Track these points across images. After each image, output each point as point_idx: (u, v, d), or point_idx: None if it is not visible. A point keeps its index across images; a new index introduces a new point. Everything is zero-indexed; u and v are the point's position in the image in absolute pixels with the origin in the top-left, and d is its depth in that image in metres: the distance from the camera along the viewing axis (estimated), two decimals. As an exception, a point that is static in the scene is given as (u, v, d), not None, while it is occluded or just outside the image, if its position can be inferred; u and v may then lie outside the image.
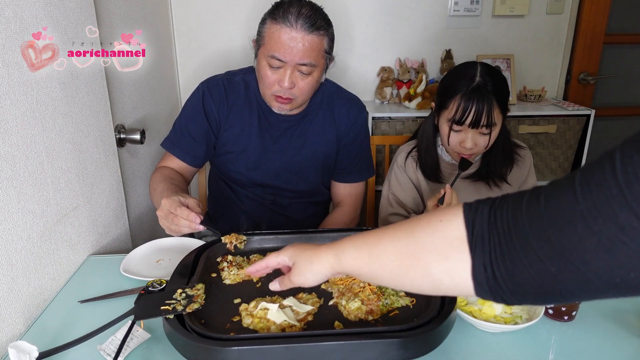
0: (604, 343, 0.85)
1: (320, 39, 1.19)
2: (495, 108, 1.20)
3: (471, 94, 1.19)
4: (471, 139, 1.23)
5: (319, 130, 1.39)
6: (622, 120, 2.54)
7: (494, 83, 1.20)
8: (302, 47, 1.17)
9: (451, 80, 1.26)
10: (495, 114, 1.20)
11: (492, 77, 1.21)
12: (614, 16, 2.33)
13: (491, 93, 1.18)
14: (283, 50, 1.17)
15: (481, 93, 1.18)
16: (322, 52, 1.22)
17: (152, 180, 1.30)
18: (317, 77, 1.25)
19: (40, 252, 0.97)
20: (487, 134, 1.22)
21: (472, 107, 1.18)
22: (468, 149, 1.24)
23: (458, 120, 1.21)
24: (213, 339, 0.72)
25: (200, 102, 1.35)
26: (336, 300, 0.89)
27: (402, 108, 2.17)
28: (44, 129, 0.99)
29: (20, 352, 0.72)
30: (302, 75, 1.22)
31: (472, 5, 2.21)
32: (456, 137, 1.25)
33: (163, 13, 2.03)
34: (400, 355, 0.73)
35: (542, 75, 2.38)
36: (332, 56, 1.28)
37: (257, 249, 1.09)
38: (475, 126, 1.20)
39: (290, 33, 1.16)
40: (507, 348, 0.83)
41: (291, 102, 1.26)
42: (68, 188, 1.07)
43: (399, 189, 1.42)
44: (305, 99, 1.29)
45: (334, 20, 1.27)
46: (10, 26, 0.88)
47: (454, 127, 1.24)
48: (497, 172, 1.33)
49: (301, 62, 1.19)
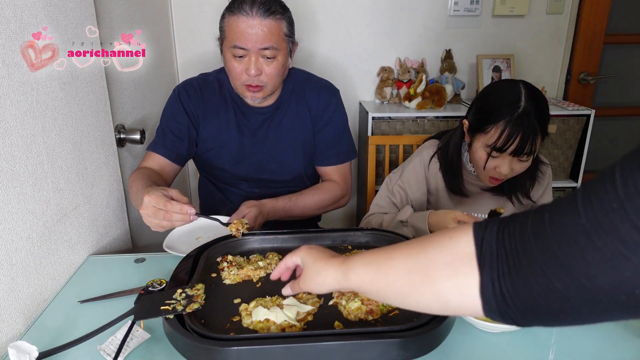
0: (604, 343, 0.85)
1: (277, 22, 1.23)
2: (538, 136, 1.13)
3: (516, 122, 1.11)
4: (509, 165, 1.17)
5: (294, 118, 1.41)
6: (622, 120, 2.54)
7: (537, 109, 1.12)
8: (260, 32, 1.21)
9: (492, 103, 1.17)
10: (538, 142, 1.14)
11: (536, 102, 1.13)
12: (614, 16, 2.33)
13: (536, 121, 1.11)
14: (243, 39, 1.21)
15: (526, 121, 1.10)
16: (281, 35, 1.25)
17: (130, 180, 1.26)
18: (282, 61, 1.28)
19: (40, 252, 0.97)
20: (526, 161, 1.17)
21: (517, 137, 1.11)
22: (504, 175, 1.19)
23: (499, 148, 1.14)
24: (213, 339, 0.72)
25: (178, 101, 1.38)
26: (336, 300, 0.89)
27: (402, 108, 2.17)
28: (44, 129, 0.99)
29: (20, 352, 0.72)
30: (267, 60, 1.25)
31: (472, 5, 2.21)
32: (492, 163, 1.19)
33: (163, 13, 2.03)
34: (401, 355, 0.73)
35: (542, 75, 2.38)
36: (296, 41, 1.33)
37: (257, 249, 1.09)
38: (517, 154, 1.14)
39: (248, 21, 1.21)
40: (507, 348, 0.83)
41: (262, 90, 1.29)
42: (68, 188, 1.07)
43: (412, 182, 1.36)
44: (275, 84, 1.32)
45: (334, 20, 1.27)
46: (10, 26, 0.88)
47: (493, 153, 1.16)
48: (521, 188, 1.29)
49: (262, 47, 1.22)
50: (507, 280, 0.48)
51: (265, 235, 1.11)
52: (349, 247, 1.10)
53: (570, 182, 2.24)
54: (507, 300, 0.48)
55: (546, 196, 1.38)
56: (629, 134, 2.57)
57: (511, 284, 0.48)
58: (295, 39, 1.33)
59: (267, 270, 1.00)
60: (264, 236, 1.11)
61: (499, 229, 0.51)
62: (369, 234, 1.12)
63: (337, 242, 1.11)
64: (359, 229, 1.13)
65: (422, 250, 0.58)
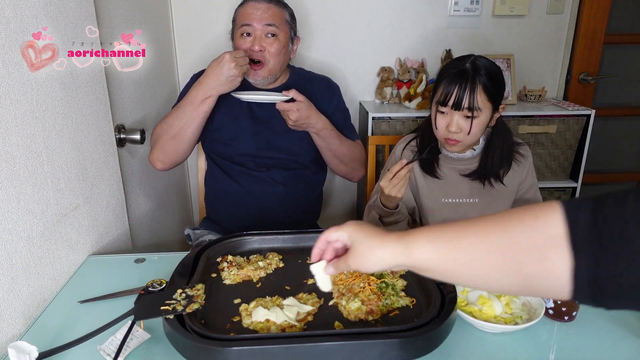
0: (604, 343, 0.85)
1: (280, 9, 1.44)
2: (479, 92, 1.22)
3: (455, 76, 1.23)
4: (456, 122, 1.25)
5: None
6: (622, 120, 2.53)
7: (479, 67, 1.23)
8: (265, 12, 1.40)
9: (445, 66, 1.32)
10: (480, 99, 1.22)
11: (483, 66, 1.24)
12: (614, 16, 2.32)
13: (476, 77, 1.22)
14: (249, 17, 1.40)
15: (465, 76, 1.22)
16: (283, 19, 1.44)
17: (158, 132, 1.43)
18: (283, 42, 1.43)
19: (40, 252, 0.97)
20: (469, 117, 1.24)
21: (455, 88, 1.22)
22: (452, 132, 1.26)
23: (442, 101, 1.25)
24: (213, 339, 0.72)
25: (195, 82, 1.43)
26: (336, 301, 0.89)
27: (402, 108, 2.17)
28: (44, 129, 0.98)
29: (20, 352, 0.72)
30: (269, 38, 1.41)
31: (472, 5, 2.21)
32: (442, 121, 1.28)
33: (163, 13, 2.03)
34: (401, 356, 0.73)
35: (542, 75, 2.38)
36: (297, 35, 1.51)
37: (257, 249, 1.10)
38: (457, 108, 1.23)
39: (255, 5, 1.41)
40: (508, 348, 0.83)
41: (263, 67, 1.43)
42: (68, 188, 1.07)
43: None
44: (276, 63, 1.44)
45: (334, 20, 1.28)
46: (10, 26, 0.88)
47: (439, 108, 1.27)
48: (493, 172, 1.35)
49: (266, 23, 1.39)
50: (605, 267, 0.45)
51: (265, 235, 1.11)
52: (349, 247, 1.10)
53: (570, 182, 2.23)
54: (603, 286, 0.46)
55: (529, 177, 1.41)
56: (629, 134, 2.57)
57: (609, 270, 0.45)
58: (297, 35, 1.49)
59: (267, 270, 1.00)
60: (264, 236, 1.11)
61: (593, 210, 0.48)
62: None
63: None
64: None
65: (503, 230, 0.54)
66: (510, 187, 1.38)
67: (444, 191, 1.39)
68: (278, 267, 1.02)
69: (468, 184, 1.38)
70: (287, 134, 1.48)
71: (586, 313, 0.92)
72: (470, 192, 1.38)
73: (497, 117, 1.31)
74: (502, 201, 1.39)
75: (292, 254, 1.08)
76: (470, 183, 1.38)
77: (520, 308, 0.90)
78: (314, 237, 1.11)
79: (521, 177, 1.39)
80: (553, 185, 2.21)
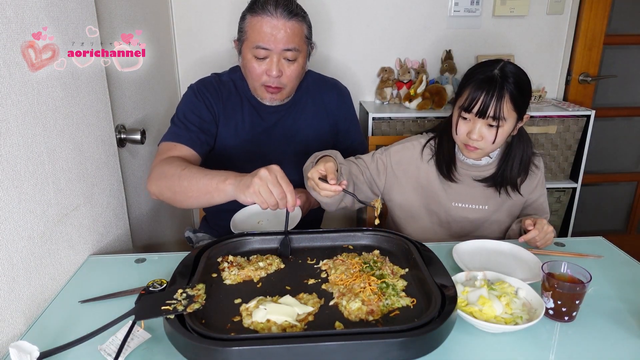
0: (604, 343, 0.85)
1: (300, 24, 1.26)
2: (506, 102, 1.17)
3: (482, 82, 1.18)
4: (478, 130, 1.21)
5: (309, 116, 1.43)
6: (622, 120, 2.54)
7: (508, 75, 1.18)
8: (284, 34, 1.23)
9: (472, 70, 1.26)
10: (506, 109, 1.18)
11: (512, 73, 1.19)
12: (614, 17, 2.33)
13: (505, 86, 1.17)
14: (267, 39, 1.23)
15: (493, 83, 1.17)
16: (303, 37, 1.28)
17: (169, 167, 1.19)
18: (302, 63, 1.30)
19: (40, 252, 0.97)
20: (494, 126, 1.20)
21: (481, 96, 1.17)
22: (473, 140, 1.22)
23: (466, 107, 1.20)
24: (214, 339, 0.72)
25: (198, 98, 1.36)
26: (337, 301, 0.89)
27: (402, 108, 2.17)
28: (45, 129, 0.99)
29: (21, 352, 0.73)
30: (288, 62, 1.27)
31: (472, 5, 2.21)
32: (464, 127, 1.24)
33: (163, 13, 2.03)
34: (401, 356, 0.73)
35: (542, 76, 2.39)
36: (313, 42, 1.35)
37: (257, 249, 1.10)
38: (482, 116, 1.19)
39: (272, 21, 1.22)
40: (508, 348, 0.83)
41: (281, 91, 1.32)
42: (68, 188, 1.07)
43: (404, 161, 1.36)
44: (293, 86, 1.35)
45: (334, 20, 1.28)
46: (11, 26, 0.88)
47: (463, 114, 1.22)
48: (510, 180, 1.31)
49: (286, 48, 1.24)
50: None
51: (265, 235, 1.11)
52: (350, 247, 1.10)
53: (571, 183, 2.24)
54: None
55: (539, 188, 1.39)
56: (629, 134, 2.57)
57: None
58: (313, 41, 1.35)
59: (267, 270, 1.00)
60: (264, 236, 1.11)
61: None
62: (370, 234, 1.12)
63: (337, 243, 1.12)
64: (359, 230, 1.14)
65: None
66: (526, 196, 1.36)
67: (456, 196, 1.35)
68: (279, 268, 1.02)
69: (481, 190, 1.34)
70: (292, 153, 1.42)
71: (586, 313, 0.92)
72: (482, 198, 1.34)
73: (519, 127, 1.27)
74: (511, 210, 1.36)
75: (293, 254, 1.08)
76: (484, 190, 1.34)
77: (521, 308, 0.90)
78: (315, 237, 1.11)
79: (531, 187, 1.36)
80: (553, 185, 2.21)
